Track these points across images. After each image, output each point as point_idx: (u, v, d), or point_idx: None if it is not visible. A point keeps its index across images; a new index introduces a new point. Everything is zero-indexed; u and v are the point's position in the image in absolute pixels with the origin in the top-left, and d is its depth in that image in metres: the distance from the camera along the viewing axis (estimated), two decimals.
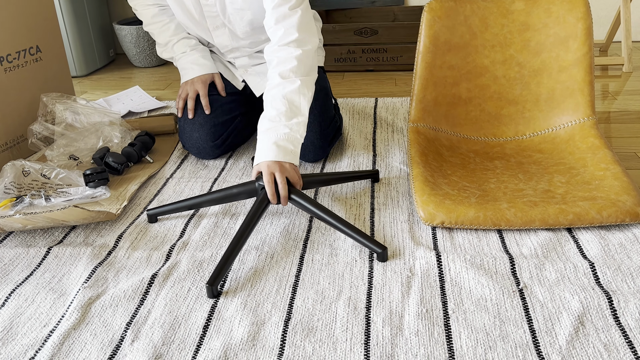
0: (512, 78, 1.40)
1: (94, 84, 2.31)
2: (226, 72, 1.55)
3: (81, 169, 1.46)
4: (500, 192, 1.19)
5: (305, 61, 1.22)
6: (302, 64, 1.21)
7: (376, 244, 1.04)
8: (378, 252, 1.03)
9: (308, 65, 1.22)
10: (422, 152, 1.33)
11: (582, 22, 1.33)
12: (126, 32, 2.40)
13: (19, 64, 1.54)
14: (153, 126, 1.68)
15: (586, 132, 1.32)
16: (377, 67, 2.29)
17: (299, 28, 1.21)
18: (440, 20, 1.36)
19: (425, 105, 1.41)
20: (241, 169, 1.46)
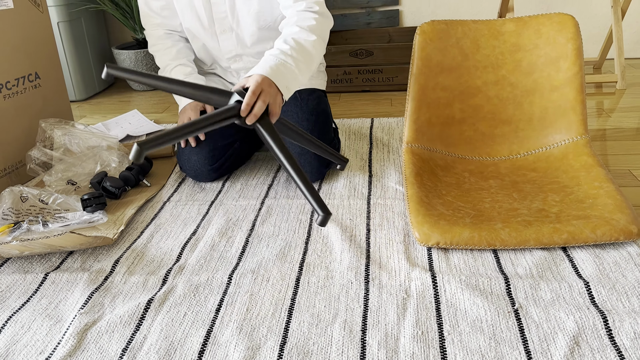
0: (504, 98, 1.41)
1: (93, 108, 2.34)
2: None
3: (79, 193, 1.47)
4: (495, 212, 1.19)
5: (323, 27, 1.27)
6: (320, 26, 1.26)
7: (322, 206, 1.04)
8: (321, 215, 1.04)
9: (325, 32, 1.27)
10: (417, 172, 1.34)
11: (571, 42, 1.34)
12: (125, 56, 2.43)
13: (18, 91, 1.56)
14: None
15: (579, 151, 1.33)
16: (373, 87, 2.31)
17: (319, 4, 1.30)
18: (433, 43, 1.38)
19: (420, 126, 1.42)
20: (238, 191, 1.47)
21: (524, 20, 1.39)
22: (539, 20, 1.38)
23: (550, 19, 1.37)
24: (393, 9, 2.51)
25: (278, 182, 1.51)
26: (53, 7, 2.24)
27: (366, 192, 1.41)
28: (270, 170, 1.59)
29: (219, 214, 1.35)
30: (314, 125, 1.44)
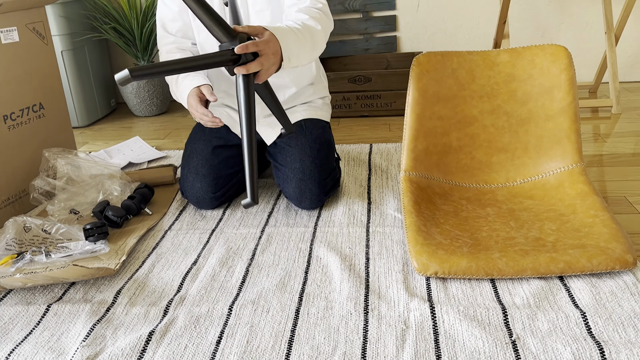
0: (500, 127, 1.44)
1: (95, 134, 2.36)
2: (235, 126, 1.57)
3: (81, 222, 1.49)
4: (492, 241, 1.21)
5: (326, 24, 1.32)
6: (324, 22, 1.31)
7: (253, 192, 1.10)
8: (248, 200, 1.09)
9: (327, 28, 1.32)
10: (415, 200, 1.35)
11: (565, 73, 1.37)
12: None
13: (22, 121, 1.58)
14: (152, 177, 1.71)
15: (575, 179, 1.35)
16: (371, 112, 2.34)
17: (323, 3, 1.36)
18: (429, 74, 1.41)
19: (417, 155, 1.44)
20: (238, 219, 1.48)
21: (518, 51, 1.42)
22: (532, 51, 1.41)
23: (543, 50, 1.40)
24: (391, 35, 2.55)
25: (278, 210, 1.53)
26: (57, 36, 2.29)
27: (365, 220, 1.43)
28: (271, 198, 1.61)
29: (220, 243, 1.36)
30: (317, 153, 1.46)
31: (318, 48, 1.30)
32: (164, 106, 2.60)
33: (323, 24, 1.32)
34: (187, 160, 1.53)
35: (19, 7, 1.54)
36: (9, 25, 1.53)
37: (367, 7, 2.51)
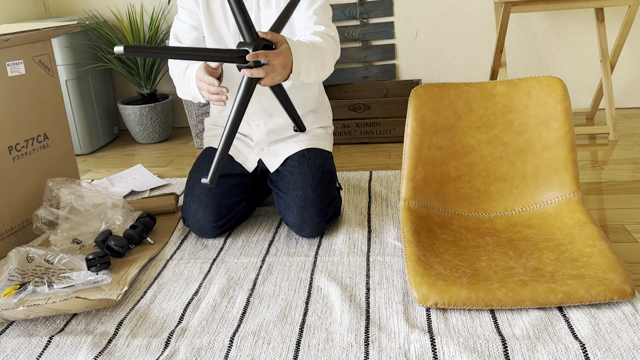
0: (498, 156, 1.46)
1: (98, 162, 2.39)
2: (239, 155, 1.59)
3: (84, 252, 1.50)
4: (492, 271, 1.22)
5: (335, 52, 1.42)
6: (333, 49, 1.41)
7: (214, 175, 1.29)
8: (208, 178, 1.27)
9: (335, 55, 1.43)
10: (414, 230, 1.37)
11: (560, 104, 1.40)
12: (130, 111, 2.50)
13: (26, 152, 1.61)
14: (154, 206, 1.73)
15: (573, 208, 1.37)
16: (371, 139, 2.37)
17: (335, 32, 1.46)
18: (426, 105, 1.44)
19: (416, 184, 1.46)
20: (239, 249, 1.49)
21: (514, 82, 1.45)
22: (528, 83, 1.43)
23: (539, 81, 1.43)
24: (390, 63, 2.60)
25: (279, 238, 1.54)
26: (62, 66, 2.33)
27: (365, 249, 1.44)
28: (272, 226, 1.62)
29: (221, 273, 1.37)
30: (319, 182, 1.48)
31: (327, 69, 1.40)
32: (166, 133, 2.63)
33: (333, 49, 1.42)
34: (190, 189, 1.54)
35: (26, 41, 1.58)
36: (16, 58, 1.56)
37: (366, 36, 2.56)
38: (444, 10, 2.50)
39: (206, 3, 1.50)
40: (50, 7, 2.67)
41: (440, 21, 2.52)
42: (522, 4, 2.07)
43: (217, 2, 1.50)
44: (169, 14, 2.61)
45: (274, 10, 1.49)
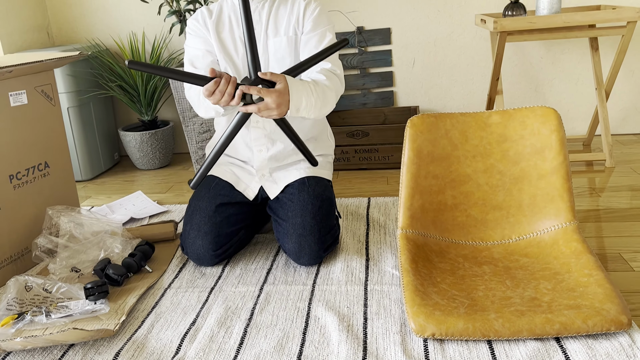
0: (494, 185, 1.47)
1: (98, 188, 2.40)
2: (239, 183, 1.61)
3: (82, 281, 1.50)
4: (489, 301, 1.22)
5: (339, 90, 1.49)
6: (337, 88, 1.48)
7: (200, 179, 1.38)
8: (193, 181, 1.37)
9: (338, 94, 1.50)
10: (412, 259, 1.37)
11: (555, 134, 1.42)
12: (130, 137, 2.53)
13: (27, 180, 1.62)
14: (153, 234, 1.74)
15: (569, 237, 1.38)
16: (369, 165, 2.39)
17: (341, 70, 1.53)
18: (423, 135, 1.46)
19: (413, 213, 1.47)
20: (237, 277, 1.50)
21: (509, 112, 1.47)
22: (523, 113, 1.46)
23: (534, 112, 1.45)
24: (388, 90, 2.63)
25: (277, 267, 1.54)
26: (64, 93, 2.36)
27: (363, 278, 1.45)
28: (270, 254, 1.62)
29: (219, 302, 1.37)
30: (319, 210, 1.50)
31: (328, 106, 1.46)
32: (167, 159, 2.65)
33: (336, 87, 1.49)
34: (190, 217, 1.55)
35: (29, 72, 1.61)
36: (19, 88, 1.59)
37: (364, 64, 2.60)
38: (441, 38, 2.54)
39: (216, 31, 1.54)
40: (54, 35, 2.72)
41: (437, 49, 2.56)
42: (517, 33, 2.11)
43: (226, 29, 1.55)
44: (170, 42, 2.65)
45: (283, 39, 1.53)
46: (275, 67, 1.54)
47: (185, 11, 2.28)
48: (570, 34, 2.10)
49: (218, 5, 1.59)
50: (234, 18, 1.56)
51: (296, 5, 1.55)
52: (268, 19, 1.54)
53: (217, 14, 1.56)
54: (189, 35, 1.58)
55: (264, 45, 1.54)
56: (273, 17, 1.54)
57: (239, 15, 1.55)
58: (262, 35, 1.54)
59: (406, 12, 2.52)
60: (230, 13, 1.56)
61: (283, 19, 1.54)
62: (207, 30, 1.55)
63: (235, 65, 1.56)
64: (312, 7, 1.54)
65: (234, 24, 1.55)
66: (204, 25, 1.56)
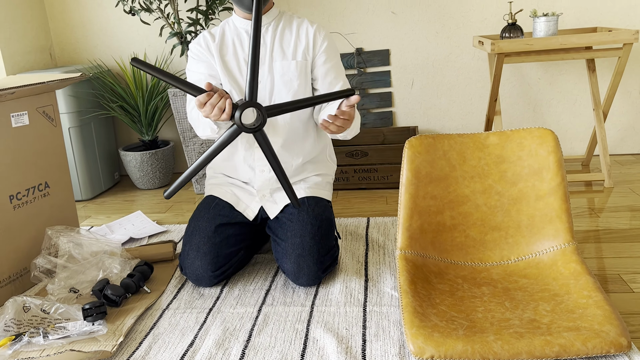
0: (492, 206, 1.47)
1: (98, 208, 2.41)
2: (239, 204, 1.61)
3: (81, 301, 1.50)
4: (488, 323, 1.21)
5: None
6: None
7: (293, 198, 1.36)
8: None
9: None
10: (410, 280, 1.37)
11: (552, 155, 1.43)
12: (131, 157, 2.54)
13: (27, 200, 1.63)
14: (152, 254, 1.73)
15: (568, 258, 1.38)
16: (368, 185, 2.39)
17: None
18: (421, 155, 1.47)
19: (412, 233, 1.47)
20: (235, 298, 1.49)
21: (506, 134, 1.48)
22: (520, 134, 1.47)
23: (531, 133, 1.46)
24: (387, 111, 2.65)
25: (276, 287, 1.54)
26: (65, 114, 2.38)
27: (362, 299, 1.44)
28: (269, 274, 1.62)
29: (217, 323, 1.37)
30: (318, 230, 1.50)
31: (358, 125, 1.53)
32: (167, 179, 2.66)
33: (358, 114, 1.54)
34: (190, 238, 1.55)
35: (31, 93, 1.62)
36: (20, 109, 1.60)
37: (363, 84, 2.62)
38: (439, 59, 2.57)
39: (220, 54, 1.56)
40: (56, 56, 2.75)
41: (436, 70, 2.58)
42: (514, 55, 2.14)
43: (230, 52, 1.57)
44: (172, 63, 2.68)
45: (292, 63, 1.56)
46: (283, 90, 1.56)
47: (186, 33, 2.31)
48: (567, 55, 2.12)
49: (220, 29, 1.61)
50: (237, 41, 1.58)
51: (303, 30, 1.58)
52: (273, 42, 1.57)
53: (220, 38, 1.59)
54: (192, 59, 1.59)
55: (269, 67, 1.56)
56: (278, 40, 1.57)
57: (242, 38, 1.58)
58: (267, 57, 1.56)
59: (405, 33, 2.55)
60: (234, 36, 1.59)
61: (289, 43, 1.57)
62: (211, 55, 1.57)
63: (240, 87, 1.57)
64: (321, 36, 1.58)
65: (238, 47, 1.58)
66: (207, 49, 1.58)
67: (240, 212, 1.60)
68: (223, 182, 1.67)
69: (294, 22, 1.60)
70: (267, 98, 1.58)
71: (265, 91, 1.58)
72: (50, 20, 2.70)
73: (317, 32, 1.58)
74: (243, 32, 1.59)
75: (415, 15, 2.52)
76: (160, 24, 2.56)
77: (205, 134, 1.50)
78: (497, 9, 2.47)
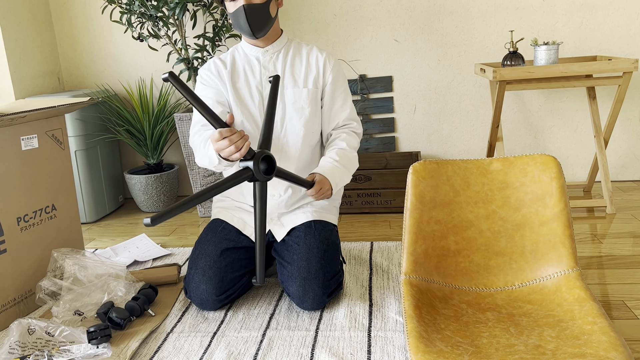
0: (496, 231, 1.49)
1: (102, 231, 2.42)
2: (245, 228, 1.62)
3: (85, 324, 1.50)
4: (493, 348, 1.21)
5: (358, 145, 1.69)
6: (358, 145, 1.68)
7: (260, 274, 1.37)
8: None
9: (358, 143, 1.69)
10: (415, 305, 1.37)
11: (555, 181, 1.44)
12: (135, 180, 2.56)
13: (34, 223, 1.64)
14: (156, 277, 1.74)
15: (572, 284, 1.38)
16: (371, 209, 2.41)
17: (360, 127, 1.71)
18: (425, 181, 1.49)
19: (417, 258, 1.48)
20: (240, 322, 1.49)
21: (509, 160, 1.50)
22: (523, 160, 1.49)
23: (534, 159, 1.48)
24: (389, 136, 2.68)
25: (280, 312, 1.54)
26: (72, 137, 2.41)
27: (367, 323, 1.44)
28: (273, 298, 1.62)
29: (221, 347, 1.37)
30: (324, 254, 1.51)
31: (354, 167, 1.64)
32: (171, 202, 2.67)
33: (357, 147, 1.67)
34: (195, 261, 1.56)
35: (41, 117, 1.65)
36: (30, 133, 1.63)
37: (366, 110, 2.66)
38: (441, 86, 2.60)
39: (231, 80, 1.60)
40: (64, 81, 2.79)
41: (438, 96, 2.62)
42: (516, 82, 2.17)
43: (242, 80, 1.61)
44: None
45: (303, 91, 1.60)
46: (295, 117, 1.60)
47: (193, 59, 2.35)
48: (568, 83, 2.16)
49: (230, 56, 1.64)
50: (248, 68, 1.62)
51: (313, 57, 1.63)
52: (284, 69, 1.60)
53: (231, 65, 1.62)
54: (201, 84, 1.62)
55: (281, 95, 1.61)
56: (289, 68, 1.61)
57: (252, 65, 1.62)
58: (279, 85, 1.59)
59: (407, 60, 2.59)
60: (245, 64, 1.62)
61: (300, 71, 1.61)
62: (221, 81, 1.60)
63: (252, 114, 1.60)
64: (331, 65, 1.64)
65: (249, 74, 1.61)
66: (217, 75, 1.61)
67: (247, 237, 1.61)
68: (230, 205, 1.69)
69: (304, 50, 1.64)
70: (279, 125, 1.61)
71: (277, 117, 1.61)
72: (59, 45, 2.75)
73: (327, 61, 1.64)
74: (253, 59, 1.62)
75: (418, 42, 2.57)
76: (168, 49, 2.61)
77: (202, 163, 1.49)
78: (498, 38, 2.52)
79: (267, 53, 1.61)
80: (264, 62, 1.61)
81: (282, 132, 1.62)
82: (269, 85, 1.60)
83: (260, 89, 1.61)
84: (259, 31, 1.53)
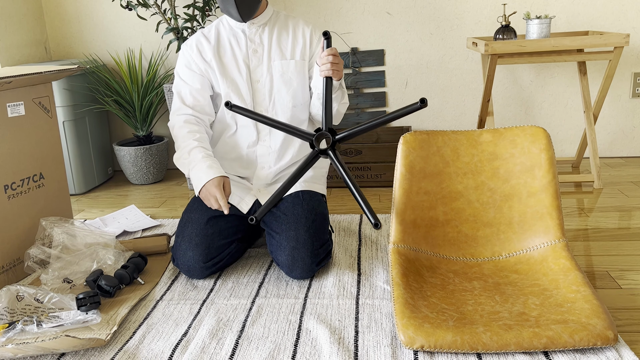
0: (485, 202, 1.50)
1: (91, 202, 2.41)
2: (233, 197, 1.61)
3: (74, 292, 1.50)
4: (477, 315, 1.23)
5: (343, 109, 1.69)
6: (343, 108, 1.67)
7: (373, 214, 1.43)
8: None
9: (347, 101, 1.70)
10: (403, 272, 1.39)
11: (544, 152, 1.45)
12: (125, 152, 2.54)
13: (22, 191, 1.63)
14: (146, 247, 1.74)
15: (558, 254, 1.40)
16: (362, 183, 2.41)
17: None
18: (415, 151, 1.49)
19: (405, 227, 1.49)
20: (229, 290, 1.50)
21: (499, 131, 1.50)
22: (513, 132, 1.49)
23: (524, 131, 1.48)
24: (381, 110, 2.67)
25: (269, 280, 1.55)
26: (60, 107, 2.38)
27: (355, 292, 1.46)
28: (262, 268, 1.63)
29: (210, 314, 1.38)
30: (312, 223, 1.51)
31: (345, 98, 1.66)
32: (160, 175, 2.66)
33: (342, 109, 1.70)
34: (182, 229, 1.56)
35: (27, 83, 1.63)
36: (17, 100, 1.61)
37: (358, 84, 2.64)
38: (433, 60, 2.59)
39: (218, 55, 1.60)
40: (51, 50, 2.75)
41: (430, 71, 2.61)
42: (507, 56, 2.16)
43: (228, 54, 1.62)
44: (167, 59, 2.68)
45: (291, 62, 1.61)
46: (283, 88, 1.60)
47: (182, 29, 2.32)
48: (559, 57, 2.15)
49: (214, 30, 1.63)
50: (234, 41, 1.61)
51: (299, 30, 1.63)
52: (270, 42, 1.60)
53: (216, 39, 1.62)
54: (182, 65, 1.63)
55: (268, 67, 1.60)
56: (276, 40, 1.61)
57: (238, 38, 1.62)
58: (265, 57, 1.61)
59: (399, 34, 2.58)
60: (230, 37, 1.62)
61: (287, 43, 1.61)
62: (203, 61, 1.60)
63: (238, 88, 1.60)
64: (317, 37, 1.65)
65: (235, 47, 1.61)
66: (198, 55, 1.61)
67: (233, 205, 1.61)
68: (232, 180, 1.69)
69: (290, 23, 1.65)
70: (267, 96, 1.61)
71: (265, 90, 1.61)
72: (45, 14, 2.70)
73: (314, 33, 1.65)
74: (239, 31, 1.62)
75: (410, 16, 2.55)
76: (157, 19, 2.56)
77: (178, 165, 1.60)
78: (490, 12, 2.51)
79: (253, 25, 1.61)
80: (250, 35, 1.61)
81: (270, 103, 1.62)
82: (255, 57, 1.61)
83: (247, 62, 1.61)
84: (249, 17, 1.56)
